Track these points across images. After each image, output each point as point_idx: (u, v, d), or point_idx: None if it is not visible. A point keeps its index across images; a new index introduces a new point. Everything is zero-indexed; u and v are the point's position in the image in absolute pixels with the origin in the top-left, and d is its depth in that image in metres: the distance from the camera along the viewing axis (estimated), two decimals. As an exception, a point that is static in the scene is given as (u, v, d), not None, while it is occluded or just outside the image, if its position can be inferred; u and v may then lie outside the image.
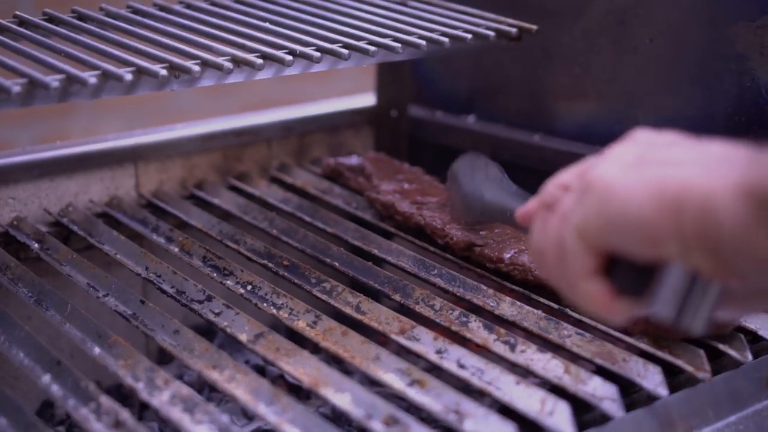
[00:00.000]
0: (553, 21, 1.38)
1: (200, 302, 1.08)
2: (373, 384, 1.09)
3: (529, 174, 1.45)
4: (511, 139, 1.44)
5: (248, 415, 1.24)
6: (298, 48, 1.09)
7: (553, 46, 1.39)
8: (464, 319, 1.05)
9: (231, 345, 1.38)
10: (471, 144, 1.48)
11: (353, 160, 1.42)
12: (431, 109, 1.58)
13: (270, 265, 1.18)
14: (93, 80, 0.94)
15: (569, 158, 1.35)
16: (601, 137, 1.35)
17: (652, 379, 0.95)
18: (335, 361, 1.26)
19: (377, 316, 1.06)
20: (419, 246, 1.25)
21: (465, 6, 1.31)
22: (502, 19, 1.27)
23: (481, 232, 1.20)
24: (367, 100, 1.58)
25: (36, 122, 2.70)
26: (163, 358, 1.39)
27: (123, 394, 1.30)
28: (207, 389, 1.30)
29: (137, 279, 1.18)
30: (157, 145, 1.39)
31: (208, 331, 1.39)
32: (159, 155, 1.39)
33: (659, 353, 0.99)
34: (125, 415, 0.87)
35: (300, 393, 1.28)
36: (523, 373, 0.98)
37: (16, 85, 0.91)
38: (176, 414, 0.88)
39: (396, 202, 1.29)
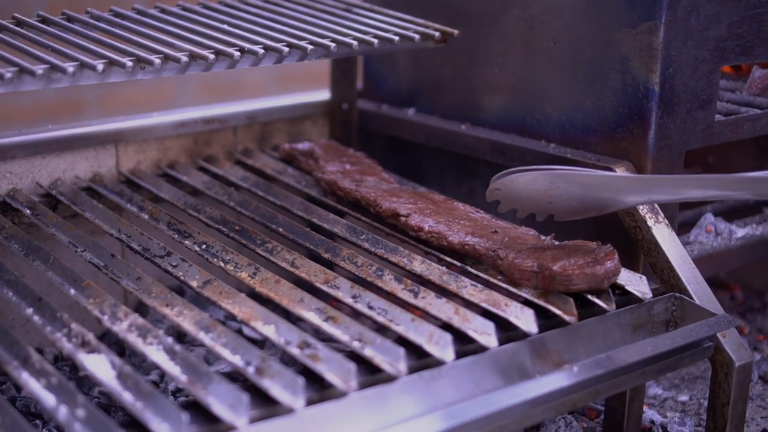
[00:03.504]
0: (476, 27, 1.59)
1: (161, 257, 1.29)
2: (297, 320, 1.28)
3: (456, 158, 1.66)
4: (442, 129, 1.63)
5: (209, 361, 1.45)
6: (246, 46, 1.30)
7: (476, 48, 1.60)
8: (380, 273, 1.26)
9: (202, 302, 1.58)
10: (409, 133, 1.69)
11: (305, 145, 1.63)
12: (378, 103, 1.78)
13: (224, 229, 1.39)
14: (71, 69, 1.15)
15: (488, 145, 1.57)
16: (515, 126, 1.57)
17: (525, 319, 1.15)
18: (267, 303, 1.46)
19: (308, 270, 1.27)
20: (354, 216, 1.46)
21: (401, 12, 1.52)
22: (429, 24, 1.48)
23: (406, 205, 1.41)
24: (323, 94, 1.79)
25: (47, 122, 2.88)
26: (141, 310, 1.59)
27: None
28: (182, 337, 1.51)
29: (114, 241, 1.39)
30: (135, 130, 1.60)
31: (179, 290, 1.60)
32: (137, 138, 1.60)
33: (537, 300, 1.20)
34: (90, 336, 1.08)
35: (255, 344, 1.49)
36: (421, 314, 1.19)
37: (7, 72, 1.12)
38: (132, 338, 1.09)
39: (338, 180, 1.50)
